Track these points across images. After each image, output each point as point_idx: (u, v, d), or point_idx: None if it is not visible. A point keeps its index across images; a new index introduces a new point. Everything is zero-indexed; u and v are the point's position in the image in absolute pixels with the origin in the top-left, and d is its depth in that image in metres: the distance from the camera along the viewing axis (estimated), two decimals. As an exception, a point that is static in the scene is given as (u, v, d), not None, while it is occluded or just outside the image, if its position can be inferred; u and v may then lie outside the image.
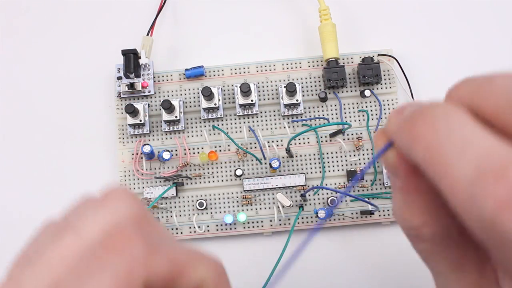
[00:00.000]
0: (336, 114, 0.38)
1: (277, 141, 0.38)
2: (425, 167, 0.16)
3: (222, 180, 0.37)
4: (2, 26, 0.42)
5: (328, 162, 0.37)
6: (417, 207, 0.18)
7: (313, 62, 0.39)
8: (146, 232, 0.17)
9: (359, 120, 0.38)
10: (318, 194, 0.37)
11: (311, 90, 0.38)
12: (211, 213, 0.37)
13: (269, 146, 0.37)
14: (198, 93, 0.38)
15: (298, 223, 0.37)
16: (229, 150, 0.38)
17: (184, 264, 0.18)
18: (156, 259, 0.17)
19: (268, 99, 0.38)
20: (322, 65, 0.38)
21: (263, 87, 0.38)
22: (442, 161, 0.15)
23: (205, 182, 0.37)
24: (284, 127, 0.38)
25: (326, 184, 0.37)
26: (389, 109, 0.38)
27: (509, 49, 0.39)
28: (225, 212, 0.37)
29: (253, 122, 0.38)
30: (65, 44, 0.41)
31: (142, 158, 0.38)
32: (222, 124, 0.38)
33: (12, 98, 0.40)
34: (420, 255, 0.20)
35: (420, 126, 0.16)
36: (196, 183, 0.37)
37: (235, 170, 0.37)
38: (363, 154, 0.37)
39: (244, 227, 0.37)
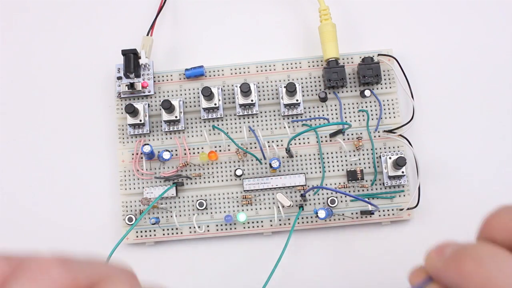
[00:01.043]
0: (336, 114, 0.38)
1: (277, 141, 0.38)
2: None
3: (222, 180, 0.37)
4: (2, 26, 0.42)
5: (328, 162, 0.37)
6: None
7: (313, 62, 0.39)
8: None
9: (359, 120, 0.38)
10: (318, 194, 0.37)
11: (311, 90, 0.38)
12: (211, 213, 0.37)
13: (269, 146, 0.37)
14: (198, 93, 0.38)
15: (298, 223, 0.37)
16: (229, 150, 0.38)
17: None
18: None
19: (268, 99, 0.38)
20: (322, 65, 0.38)
21: (263, 87, 0.38)
22: None
23: (205, 182, 0.37)
24: (284, 127, 0.38)
25: (326, 184, 0.37)
26: (389, 109, 0.38)
27: (509, 49, 0.39)
28: (225, 212, 0.37)
29: (253, 122, 0.38)
30: (65, 44, 0.41)
31: (142, 158, 0.38)
32: (222, 124, 0.38)
33: (13, 98, 0.40)
34: None
35: (469, 264, 0.18)
36: (196, 183, 0.37)
37: (235, 170, 0.37)
38: (363, 154, 0.37)
39: (244, 227, 0.37)
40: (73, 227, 0.37)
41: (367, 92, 0.37)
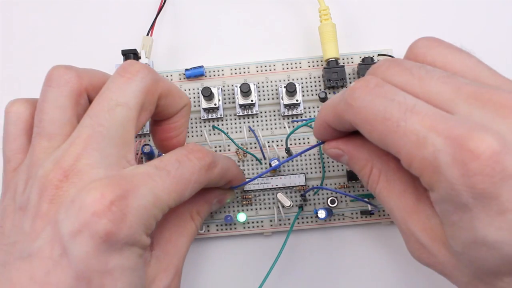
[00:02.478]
0: (336, 114, 0.38)
1: (277, 141, 0.38)
2: (371, 130, 0.23)
3: (222, 180, 0.37)
4: (2, 27, 0.42)
5: (328, 162, 0.37)
6: (363, 161, 0.27)
7: (313, 62, 0.39)
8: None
9: (359, 120, 0.38)
10: (318, 194, 0.37)
11: (311, 90, 0.38)
12: (211, 213, 0.37)
13: (269, 146, 0.37)
14: (198, 93, 0.38)
15: (298, 223, 0.37)
16: (229, 150, 0.38)
17: (174, 88, 0.29)
18: (161, 82, 0.28)
19: (268, 99, 0.38)
20: (322, 65, 0.38)
21: (263, 87, 0.38)
22: (388, 122, 0.23)
23: (205, 182, 0.37)
24: (284, 127, 0.38)
25: (326, 184, 0.37)
26: (389, 109, 0.38)
27: (509, 50, 0.39)
28: (225, 212, 0.37)
29: (253, 122, 0.38)
30: (65, 44, 0.41)
31: (142, 158, 0.38)
32: (222, 124, 0.38)
33: (13, 97, 0.40)
34: (379, 198, 0.27)
35: (359, 97, 0.24)
36: (196, 183, 0.37)
37: (235, 170, 0.37)
38: (363, 154, 0.37)
39: (244, 227, 0.37)
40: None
41: (367, 92, 0.37)
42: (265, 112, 0.38)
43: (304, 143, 0.38)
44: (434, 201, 0.23)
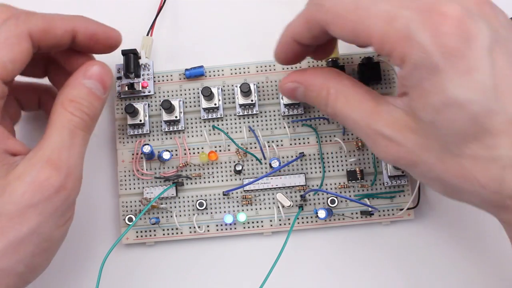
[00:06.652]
0: (336, 114, 0.38)
1: (277, 141, 0.38)
2: (343, 24, 0.26)
3: (222, 180, 0.37)
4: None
5: (328, 162, 0.37)
6: (319, 87, 0.30)
7: (313, 62, 0.39)
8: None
9: (359, 120, 0.38)
10: (318, 194, 0.37)
11: (311, 90, 0.38)
12: (211, 213, 0.37)
13: (269, 146, 0.37)
14: (198, 93, 0.38)
15: (298, 223, 0.37)
16: (229, 150, 0.38)
17: (55, 19, 0.31)
18: (32, 18, 0.30)
19: (268, 99, 0.38)
20: (322, 65, 0.38)
21: (263, 87, 0.38)
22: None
23: (205, 182, 0.37)
24: (284, 127, 0.38)
25: (326, 184, 0.37)
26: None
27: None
28: (225, 212, 0.37)
29: (253, 122, 0.38)
30: (65, 44, 0.41)
31: (142, 158, 0.38)
32: (222, 124, 0.38)
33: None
34: (342, 116, 0.29)
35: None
36: (196, 183, 0.37)
37: (235, 165, 0.37)
38: (363, 154, 0.37)
39: (244, 227, 0.37)
40: (72, 226, 0.37)
41: (367, 92, 0.37)
42: (265, 112, 0.38)
43: (304, 143, 0.38)
44: (405, 75, 0.25)
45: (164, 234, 0.37)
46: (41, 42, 0.31)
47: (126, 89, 0.38)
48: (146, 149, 0.36)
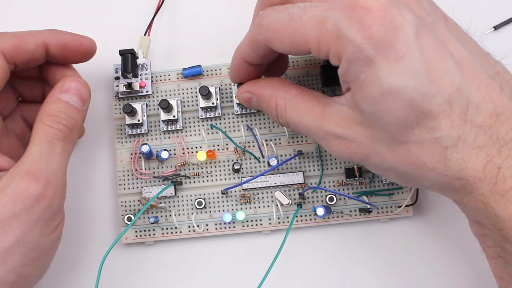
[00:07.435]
0: (334, 112, 0.38)
1: (275, 140, 0.38)
2: (282, 37, 0.28)
3: (221, 179, 0.37)
4: (0, 26, 0.42)
5: (326, 160, 0.37)
6: (268, 97, 0.31)
7: (310, 60, 0.39)
8: None
9: (357, 118, 0.38)
10: (317, 192, 0.37)
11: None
12: (210, 212, 0.37)
13: (267, 145, 0.37)
14: (196, 92, 0.38)
15: (297, 220, 0.37)
16: (227, 149, 0.38)
17: (24, 35, 0.32)
18: (3, 37, 0.31)
19: (266, 97, 0.38)
20: (319, 64, 0.38)
21: (260, 85, 0.38)
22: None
23: (203, 181, 0.37)
24: (282, 125, 0.38)
25: (325, 182, 0.37)
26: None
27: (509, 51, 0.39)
28: (224, 211, 0.37)
29: (251, 120, 0.38)
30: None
31: (140, 157, 0.38)
32: (220, 123, 0.38)
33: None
34: (293, 124, 0.30)
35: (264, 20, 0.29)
36: (194, 182, 0.37)
37: (233, 164, 0.37)
38: (361, 152, 0.37)
39: (243, 226, 0.37)
40: (72, 226, 0.37)
41: (364, 90, 0.37)
42: (263, 110, 0.38)
43: (302, 141, 0.38)
44: (344, 71, 0.26)
45: (163, 234, 0.37)
46: (15, 59, 0.32)
47: (124, 89, 0.38)
48: (145, 148, 0.36)
